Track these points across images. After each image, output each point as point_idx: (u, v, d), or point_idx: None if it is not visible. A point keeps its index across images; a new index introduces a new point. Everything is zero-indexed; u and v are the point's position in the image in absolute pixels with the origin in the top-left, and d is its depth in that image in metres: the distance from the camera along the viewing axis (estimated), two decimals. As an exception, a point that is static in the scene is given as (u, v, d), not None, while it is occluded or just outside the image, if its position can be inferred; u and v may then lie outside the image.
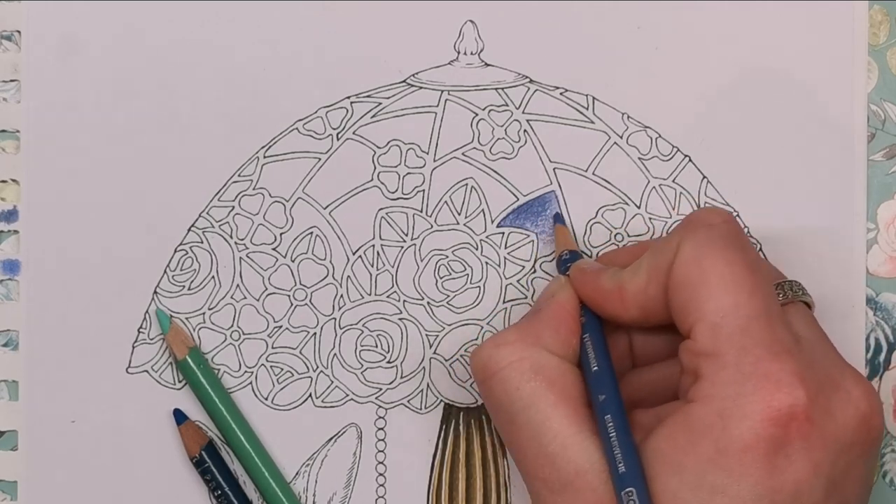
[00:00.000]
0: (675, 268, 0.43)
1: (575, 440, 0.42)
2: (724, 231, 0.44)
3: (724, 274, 0.42)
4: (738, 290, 0.42)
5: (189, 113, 0.51)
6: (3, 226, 0.51)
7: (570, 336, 0.45)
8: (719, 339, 0.41)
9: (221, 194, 0.51)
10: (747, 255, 0.43)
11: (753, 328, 0.41)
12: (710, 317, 0.42)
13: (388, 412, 0.51)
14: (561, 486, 0.42)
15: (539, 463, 0.42)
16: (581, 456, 0.42)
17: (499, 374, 0.43)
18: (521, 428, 0.43)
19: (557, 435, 0.42)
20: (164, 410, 0.51)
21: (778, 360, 0.41)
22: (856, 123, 0.51)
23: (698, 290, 0.42)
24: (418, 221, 0.51)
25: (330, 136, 0.51)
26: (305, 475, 0.51)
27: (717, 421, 0.40)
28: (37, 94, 0.51)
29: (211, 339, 0.51)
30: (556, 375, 0.43)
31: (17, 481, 0.51)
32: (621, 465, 0.41)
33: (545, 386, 0.43)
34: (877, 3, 0.51)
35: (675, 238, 0.44)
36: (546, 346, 0.44)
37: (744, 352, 0.41)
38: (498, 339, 0.44)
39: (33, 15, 0.51)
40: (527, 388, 0.43)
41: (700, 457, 0.40)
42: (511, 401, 0.43)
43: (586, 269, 0.46)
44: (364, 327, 0.51)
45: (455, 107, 0.51)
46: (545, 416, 0.42)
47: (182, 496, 0.51)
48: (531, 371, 0.43)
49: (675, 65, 0.51)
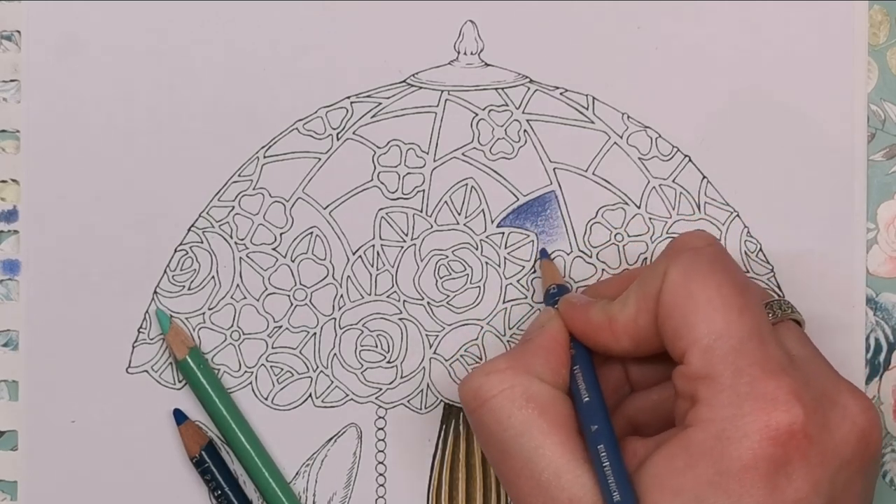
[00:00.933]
0: (663, 294, 0.43)
1: (568, 468, 0.42)
2: (710, 254, 0.44)
3: (712, 297, 0.42)
4: (727, 311, 0.42)
5: (189, 113, 0.51)
6: (3, 226, 0.51)
7: (561, 366, 0.45)
8: (713, 362, 0.41)
9: (221, 194, 0.51)
10: (735, 277, 0.43)
11: (746, 348, 0.41)
12: (702, 340, 0.41)
13: (388, 412, 0.51)
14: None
15: (532, 491, 0.42)
16: (575, 484, 0.42)
17: (490, 402, 0.43)
18: (513, 456, 0.43)
19: (550, 463, 0.42)
20: (164, 410, 0.51)
21: (773, 378, 0.40)
22: (856, 123, 0.51)
23: (688, 314, 0.42)
24: (418, 221, 0.51)
25: (330, 136, 0.51)
26: (305, 475, 0.51)
27: (715, 443, 0.40)
28: (37, 94, 0.51)
29: (211, 339, 0.51)
30: (548, 403, 0.43)
31: (17, 481, 0.51)
32: (615, 493, 0.41)
33: (537, 414, 0.43)
34: (877, 3, 0.51)
35: (662, 265, 0.43)
36: (537, 375, 0.44)
37: (739, 372, 0.41)
38: (488, 367, 0.44)
39: (33, 15, 0.51)
40: (519, 415, 0.43)
41: (699, 479, 0.40)
42: (503, 429, 0.43)
43: (575, 303, 0.46)
44: (364, 327, 0.51)
45: (455, 107, 0.51)
46: (538, 443, 0.42)
47: (182, 496, 0.51)
48: (523, 399, 0.43)
49: (675, 65, 0.51)
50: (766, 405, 0.40)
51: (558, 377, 0.44)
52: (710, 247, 0.45)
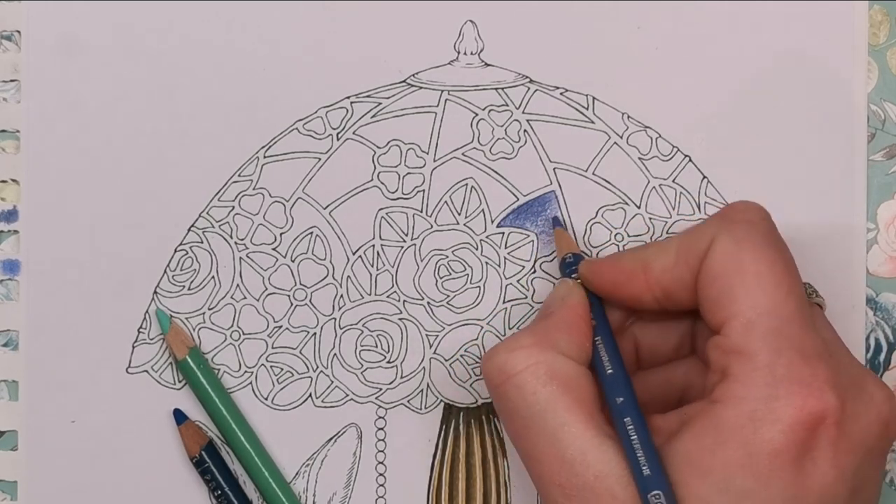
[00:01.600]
0: (712, 258, 0.42)
1: (593, 444, 0.42)
2: (764, 228, 0.43)
3: (762, 272, 0.42)
4: (776, 289, 0.41)
5: (189, 113, 0.51)
6: (3, 226, 0.51)
7: (584, 339, 0.44)
8: (753, 338, 0.41)
9: (221, 194, 0.51)
10: (785, 256, 0.43)
11: (788, 330, 0.41)
12: (745, 314, 0.41)
13: (388, 412, 0.51)
14: (578, 491, 0.41)
15: (556, 468, 0.42)
16: (600, 460, 0.41)
17: (514, 378, 0.43)
18: (537, 433, 0.42)
19: (576, 440, 0.42)
20: (164, 410, 0.51)
21: (810, 364, 0.40)
22: (856, 123, 0.51)
23: (735, 284, 0.42)
24: (418, 221, 0.51)
25: (330, 136, 0.51)
26: (305, 475, 0.51)
27: (747, 423, 0.40)
28: (37, 94, 0.51)
29: (211, 339, 0.51)
30: (572, 379, 0.43)
31: (17, 481, 0.51)
32: (645, 467, 0.41)
33: (562, 390, 0.42)
34: (877, 3, 0.51)
35: (712, 228, 0.43)
36: (561, 350, 0.43)
37: (778, 354, 0.41)
38: (512, 343, 0.44)
39: (33, 15, 0.51)
40: (543, 392, 0.42)
41: (729, 460, 0.40)
42: (527, 405, 0.43)
43: (597, 260, 0.46)
44: (364, 327, 0.51)
45: (455, 107, 0.51)
46: (563, 420, 0.42)
47: (182, 496, 0.51)
48: (547, 375, 0.43)
49: (675, 65, 0.51)
50: (801, 390, 0.40)
51: (582, 351, 0.44)
52: (765, 221, 0.44)
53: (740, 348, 0.41)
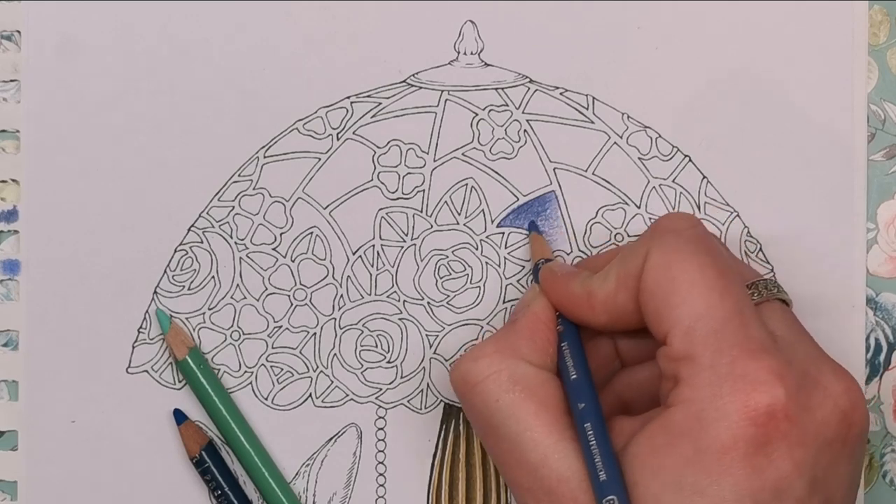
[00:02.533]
0: (645, 275, 0.43)
1: (556, 449, 0.42)
2: (691, 235, 0.44)
3: (693, 279, 0.42)
4: (708, 293, 0.42)
5: (189, 113, 0.51)
6: (3, 226, 0.51)
7: (547, 345, 0.45)
8: (694, 343, 0.41)
9: (221, 194, 0.51)
10: (716, 259, 0.43)
11: (727, 329, 0.41)
12: (683, 322, 0.42)
13: (388, 412, 0.51)
14: (543, 494, 0.42)
15: (521, 473, 0.43)
16: (562, 465, 0.42)
17: (478, 386, 0.44)
18: (502, 439, 0.43)
19: (538, 445, 0.42)
20: (164, 410, 0.51)
21: (754, 358, 0.41)
22: (856, 123, 0.51)
23: (669, 296, 0.42)
24: (418, 221, 0.51)
25: (330, 136, 0.51)
26: (305, 475, 0.51)
27: (694, 423, 0.40)
28: (37, 94, 0.51)
29: (211, 339, 0.51)
30: (535, 385, 0.43)
31: (17, 481, 0.51)
32: (602, 472, 0.41)
33: (524, 396, 0.43)
34: (877, 3, 0.51)
35: (643, 245, 0.44)
36: (524, 357, 0.44)
37: (719, 353, 0.41)
38: (475, 352, 0.44)
39: (33, 15, 0.51)
40: (506, 399, 0.43)
41: (679, 458, 0.40)
42: (491, 413, 0.43)
43: (556, 273, 0.47)
44: (364, 327, 0.51)
45: (455, 107, 0.51)
46: (525, 426, 0.43)
47: (182, 496, 0.51)
48: (509, 382, 0.43)
49: (675, 65, 0.51)
50: (745, 386, 0.40)
51: (545, 357, 0.45)
52: (693, 228, 0.45)
53: (684, 354, 0.41)
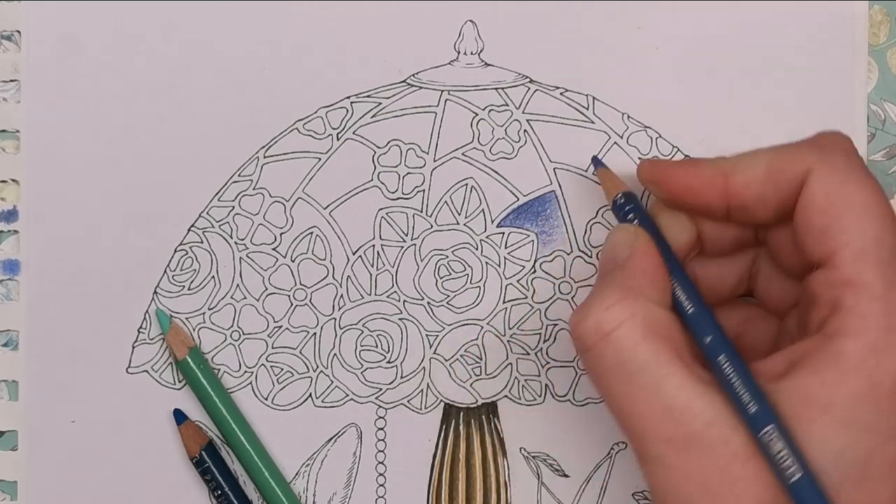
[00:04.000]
0: (815, 189, 0.42)
1: (697, 392, 0.40)
2: (860, 160, 0.43)
3: (870, 203, 0.41)
4: (884, 219, 0.41)
5: (189, 113, 0.51)
6: (3, 226, 0.51)
7: (665, 282, 0.43)
8: (866, 268, 0.40)
9: (221, 194, 0.51)
10: (880, 188, 0.42)
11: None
12: (855, 243, 0.40)
13: (388, 412, 0.51)
14: (688, 442, 0.40)
15: (662, 422, 0.40)
16: (708, 408, 0.40)
17: (612, 334, 0.41)
18: (639, 389, 0.41)
19: (681, 390, 0.40)
20: (164, 410, 0.51)
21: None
22: (856, 123, 0.51)
23: (842, 215, 0.41)
24: (418, 221, 0.51)
25: (330, 136, 0.51)
26: (305, 475, 0.51)
27: (869, 356, 0.39)
28: (37, 94, 0.51)
29: (211, 339, 0.51)
30: (668, 327, 0.41)
31: (16, 481, 0.51)
32: (751, 404, 0.39)
33: (660, 341, 0.41)
34: (877, 3, 0.51)
35: (807, 155, 0.42)
36: (650, 298, 0.42)
37: (892, 284, 0.40)
38: (602, 301, 0.42)
39: (33, 15, 0.51)
40: (643, 345, 0.41)
41: (851, 393, 0.39)
42: (627, 360, 0.41)
43: (667, 162, 0.45)
44: (364, 327, 0.51)
45: (455, 107, 0.51)
46: (666, 372, 0.40)
47: (182, 496, 0.51)
48: (644, 328, 0.41)
49: (675, 65, 0.51)
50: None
51: (666, 295, 0.43)
52: (857, 153, 0.43)
53: (853, 279, 0.40)
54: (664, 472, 0.40)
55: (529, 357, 0.51)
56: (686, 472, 0.40)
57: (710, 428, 0.40)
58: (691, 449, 0.40)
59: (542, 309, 0.51)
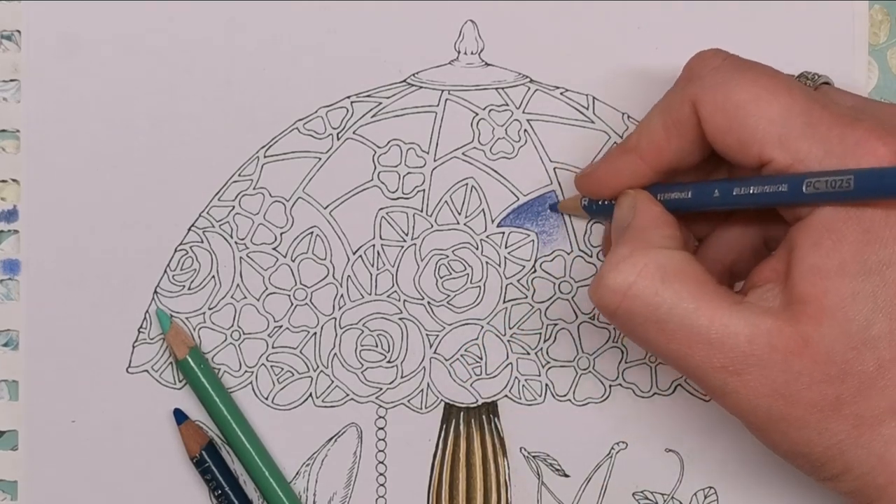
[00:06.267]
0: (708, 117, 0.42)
1: (730, 315, 0.41)
2: (730, 65, 0.43)
3: (757, 93, 0.42)
4: (777, 96, 0.41)
5: (189, 113, 0.51)
6: (3, 226, 0.51)
7: (672, 226, 0.44)
8: (794, 145, 0.41)
9: (221, 194, 0.51)
10: (763, 68, 0.43)
11: (815, 118, 0.41)
12: (772, 132, 0.41)
13: (388, 412, 0.51)
14: (740, 363, 0.41)
15: (709, 354, 0.41)
16: (745, 324, 0.41)
17: (631, 289, 0.42)
18: (674, 330, 0.41)
19: (714, 318, 0.41)
20: (164, 410, 0.51)
21: (854, 127, 0.40)
22: (856, 123, 0.51)
23: (746, 119, 0.42)
24: (418, 221, 0.51)
25: (330, 135, 0.51)
26: (305, 475, 0.51)
27: (850, 209, 0.40)
28: (37, 94, 0.51)
29: (211, 338, 0.51)
30: (683, 265, 0.42)
31: (17, 481, 0.51)
32: (783, 185, 0.41)
33: (679, 280, 0.41)
34: (877, 3, 0.51)
35: (685, 91, 0.43)
36: (659, 245, 0.43)
37: (824, 141, 0.40)
38: (612, 262, 0.42)
39: (33, 15, 0.51)
40: (664, 290, 0.41)
41: (854, 245, 0.40)
42: (654, 307, 0.41)
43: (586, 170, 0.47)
44: (364, 327, 0.51)
45: (455, 106, 0.51)
46: (694, 307, 0.41)
47: (182, 496, 0.51)
48: (659, 272, 0.42)
49: (675, 65, 0.51)
50: (865, 151, 0.40)
51: (675, 238, 0.43)
52: (727, 60, 0.44)
53: (790, 160, 0.41)
54: (734, 397, 0.41)
55: (529, 357, 0.51)
56: (753, 388, 0.41)
57: (754, 341, 0.40)
58: (747, 366, 0.41)
59: (542, 309, 0.51)
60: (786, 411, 0.41)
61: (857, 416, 0.40)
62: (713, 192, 0.44)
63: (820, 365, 0.40)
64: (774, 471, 0.51)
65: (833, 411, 0.41)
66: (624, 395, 0.51)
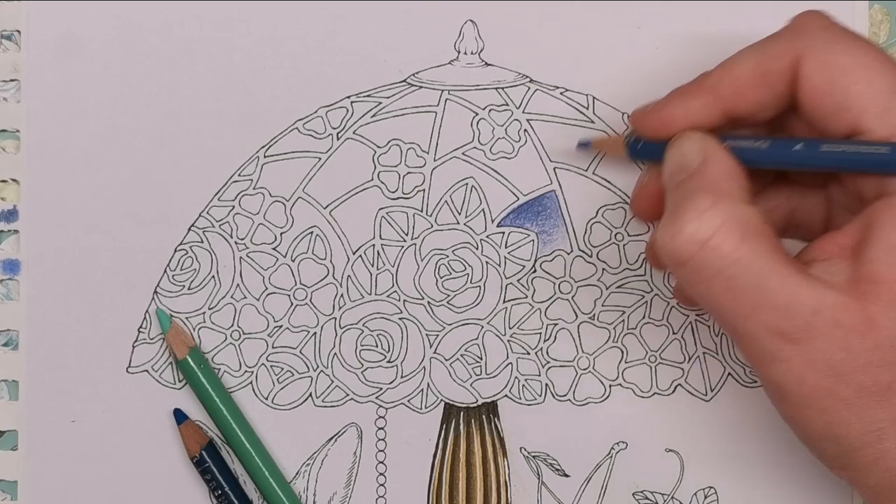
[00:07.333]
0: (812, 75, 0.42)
1: (800, 282, 0.40)
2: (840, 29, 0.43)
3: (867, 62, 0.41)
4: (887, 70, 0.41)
5: (189, 113, 0.51)
6: (3, 226, 0.51)
7: (744, 179, 0.43)
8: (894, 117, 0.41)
9: (221, 194, 0.51)
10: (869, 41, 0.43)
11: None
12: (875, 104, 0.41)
13: (388, 412, 0.51)
14: (801, 332, 0.40)
15: (772, 317, 0.40)
16: (813, 295, 0.40)
17: (710, 241, 0.40)
18: (743, 290, 0.40)
19: (785, 283, 0.40)
20: (164, 410, 0.51)
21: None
22: (856, 123, 0.51)
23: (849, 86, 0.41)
24: (418, 221, 0.51)
25: (330, 135, 0.51)
26: (305, 475, 0.51)
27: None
28: (37, 94, 0.51)
29: (211, 338, 0.51)
30: (761, 225, 0.41)
31: (17, 481, 0.51)
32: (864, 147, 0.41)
33: (758, 239, 0.41)
34: (877, 3, 0.51)
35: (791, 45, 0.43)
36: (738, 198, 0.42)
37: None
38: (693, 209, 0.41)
39: (33, 15, 0.51)
40: (743, 246, 0.40)
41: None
42: (730, 263, 0.40)
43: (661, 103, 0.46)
44: (364, 327, 0.51)
45: (455, 106, 0.51)
46: (769, 269, 0.40)
47: (182, 496, 0.51)
48: (741, 228, 0.40)
49: (675, 65, 0.51)
50: None
51: (747, 192, 0.42)
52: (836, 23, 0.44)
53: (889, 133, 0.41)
54: (783, 366, 0.41)
55: (529, 357, 0.51)
56: (807, 359, 0.40)
57: (819, 314, 0.40)
58: (806, 337, 0.40)
59: (542, 309, 0.51)
60: (834, 389, 0.40)
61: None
62: (794, 146, 0.42)
63: (881, 349, 0.40)
64: (774, 471, 0.51)
65: (882, 398, 0.40)
66: (624, 395, 0.51)
